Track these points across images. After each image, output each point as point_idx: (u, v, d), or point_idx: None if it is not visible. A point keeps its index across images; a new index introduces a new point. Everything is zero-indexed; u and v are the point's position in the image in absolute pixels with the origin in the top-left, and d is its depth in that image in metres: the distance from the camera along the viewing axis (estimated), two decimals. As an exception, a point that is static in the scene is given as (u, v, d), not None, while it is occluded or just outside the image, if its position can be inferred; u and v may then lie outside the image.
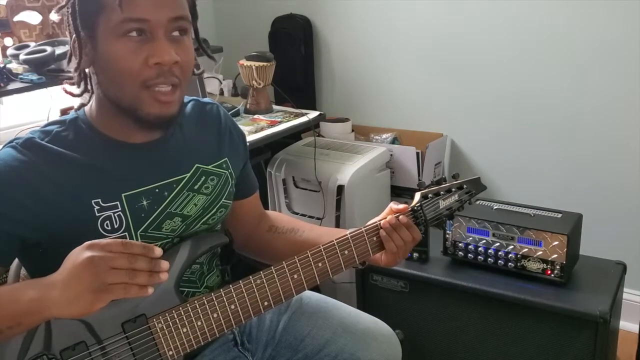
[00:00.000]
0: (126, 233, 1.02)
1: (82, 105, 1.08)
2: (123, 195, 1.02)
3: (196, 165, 1.11)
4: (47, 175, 0.98)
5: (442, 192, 1.19)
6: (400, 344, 1.32)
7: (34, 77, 1.78)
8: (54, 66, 1.88)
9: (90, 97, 1.07)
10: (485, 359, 1.65)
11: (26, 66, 1.83)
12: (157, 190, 1.05)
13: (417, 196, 1.18)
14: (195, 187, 1.11)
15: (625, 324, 1.94)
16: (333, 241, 1.09)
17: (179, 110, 1.02)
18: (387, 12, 2.50)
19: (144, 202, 1.04)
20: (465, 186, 1.22)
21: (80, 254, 0.88)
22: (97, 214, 0.99)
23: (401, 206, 1.16)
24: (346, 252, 1.10)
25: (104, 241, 0.89)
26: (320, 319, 1.26)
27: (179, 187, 1.08)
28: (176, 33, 0.98)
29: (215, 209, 1.14)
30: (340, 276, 1.21)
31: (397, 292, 1.74)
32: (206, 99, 1.24)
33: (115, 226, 1.01)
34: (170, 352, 1.00)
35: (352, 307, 1.34)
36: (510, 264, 1.62)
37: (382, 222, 1.13)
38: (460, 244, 1.68)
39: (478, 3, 2.30)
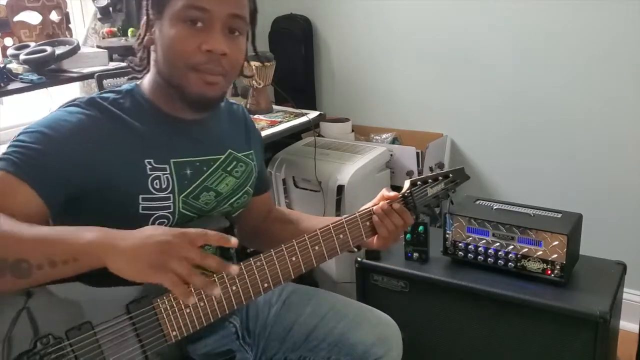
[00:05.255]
0: (171, 195, 1.09)
1: (135, 78, 1.18)
2: (172, 160, 1.10)
3: (229, 150, 1.21)
4: (108, 131, 1.06)
5: (429, 180, 1.27)
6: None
7: (34, 77, 1.78)
8: (54, 66, 1.88)
9: (144, 74, 1.16)
10: (485, 359, 1.65)
11: (26, 66, 1.83)
12: (197, 163, 1.14)
13: (407, 183, 1.25)
14: (228, 169, 1.20)
15: (625, 324, 1.94)
16: (329, 225, 1.15)
17: (221, 96, 1.12)
18: (387, 12, 2.50)
19: (188, 171, 1.12)
20: (450, 175, 1.30)
21: (163, 231, 0.93)
22: (148, 172, 1.07)
23: (392, 193, 1.22)
24: (341, 236, 1.15)
25: (191, 231, 0.93)
26: (309, 307, 1.30)
27: (215, 165, 1.17)
28: (232, 31, 1.07)
29: (241, 193, 1.22)
30: (341, 276, 1.21)
31: (397, 292, 1.74)
32: (232, 100, 1.35)
33: (164, 186, 1.08)
34: (174, 332, 1.01)
35: (346, 297, 1.36)
36: (510, 264, 1.62)
37: (374, 208, 1.19)
38: (460, 244, 1.68)
39: (478, 3, 2.30)
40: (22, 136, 1.02)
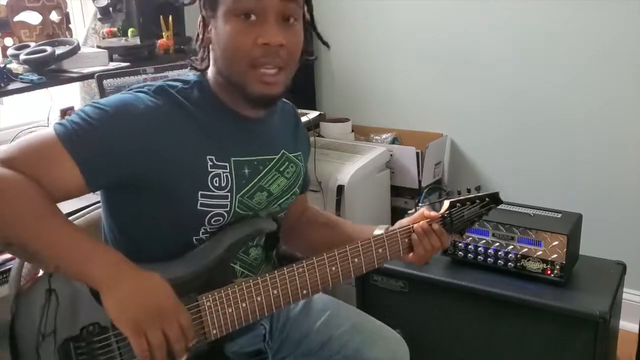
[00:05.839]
0: (229, 193, 1.07)
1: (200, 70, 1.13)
2: (232, 159, 1.08)
3: (282, 150, 1.19)
4: (174, 121, 1.03)
5: (468, 203, 1.25)
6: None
7: (34, 77, 1.78)
8: (54, 66, 1.88)
9: (207, 68, 1.13)
10: (485, 359, 1.65)
11: (26, 66, 1.82)
12: (255, 162, 1.12)
13: (446, 204, 1.23)
14: (281, 169, 1.18)
15: (625, 324, 1.94)
16: (370, 239, 1.14)
17: (282, 91, 1.08)
18: (387, 12, 2.50)
19: (246, 170, 1.10)
20: (487, 199, 1.28)
21: (166, 297, 0.94)
22: (209, 169, 1.05)
23: (433, 213, 1.21)
24: (380, 250, 1.15)
25: (185, 317, 0.96)
26: (327, 317, 1.30)
27: (270, 165, 1.15)
28: (287, 19, 1.04)
29: (289, 194, 1.21)
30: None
31: (396, 292, 1.74)
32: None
33: (223, 184, 1.07)
34: (215, 331, 1.03)
35: (362, 310, 1.37)
36: (510, 264, 1.62)
37: (415, 226, 1.18)
38: (460, 244, 1.68)
39: (478, 3, 2.30)
40: (87, 107, 1.00)
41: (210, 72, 1.11)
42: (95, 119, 0.98)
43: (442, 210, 1.22)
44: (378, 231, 1.20)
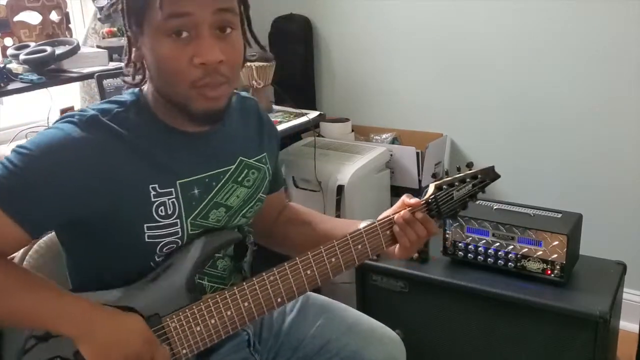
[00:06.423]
0: (178, 220, 1.02)
1: (136, 85, 1.07)
2: (178, 182, 1.02)
3: (240, 157, 1.12)
4: (108, 155, 0.96)
5: (456, 183, 1.17)
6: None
7: (34, 77, 1.78)
8: (54, 66, 1.88)
9: (143, 85, 1.06)
10: (485, 359, 1.65)
11: (26, 66, 1.83)
12: (207, 179, 1.06)
13: (431, 188, 1.16)
14: (239, 179, 1.11)
15: (625, 324, 1.94)
16: (347, 236, 1.08)
17: (227, 104, 1.01)
18: (387, 12, 2.50)
19: (196, 191, 1.04)
20: (479, 176, 1.20)
21: (139, 339, 0.94)
22: (153, 199, 0.99)
23: (414, 200, 1.13)
24: (359, 246, 1.09)
25: (161, 354, 0.96)
26: (324, 320, 1.27)
27: (225, 178, 1.09)
28: (223, 29, 0.95)
29: (253, 202, 1.15)
30: (340, 276, 1.21)
31: (396, 292, 1.73)
32: (244, 93, 1.24)
33: (169, 212, 1.01)
34: (184, 351, 1.01)
35: (358, 310, 1.35)
36: (510, 264, 1.62)
37: (395, 217, 1.12)
38: (460, 244, 1.68)
39: (478, 3, 2.30)
40: (12, 154, 0.94)
41: (147, 88, 1.04)
42: (19, 167, 0.91)
43: (427, 196, 1.15)
44: (364, 224, 1.14)
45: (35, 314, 0.92)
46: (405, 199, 1.14)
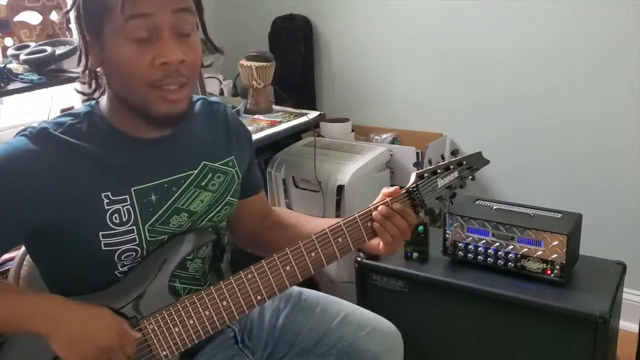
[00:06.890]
0: (134, 227, 1.02)
1: (91, 98, 1.08)
2: (132, 189, 1.02)
3: (203, 162, 1.12)
4: (58, 166, 0.97)
5: (439, 171, 1.15)
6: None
7: (34, 77, 1.78)
8: (54, 66, 1.88)
9: (102, 93, 1.07)
10: (485, 359, 1.65)
11: (26, 66, 1.83)
12: (165, 185, 1.06)
13: (413, 176, 1.14)
14: (202, 183, 1.11)
15: (625, 324, 1.93)
16: (325, 229, 1.08)
17: (187, 107, 1.02)
18: (387, 12, 2.50)
19: (153, 197, 1.04)
20: (465, 162, 1.18)
21: (110, 332, 0.95)
22: (106, 207, 1.00)
23: (392, 189, 1.12)
24: (340, 239, 1.08)
25: (131, 341, 0.97)
26: (319, 313, 1.28)
27: (187, 183, 1.08)
28: (182, 30, 0.97)
29: (220, 207, 1.15)
30: (340, 276, 1.21)
31: (396, 292, 1.73)
32: (214, 99, 1.25)
33: (124, 219, 1.01)
34: (165, 352, 1.01)
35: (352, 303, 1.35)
36: (510, 264, 1.62)
37: (373, 213, 1.11)
38: (459, 244, 1.68)
39: (478, 3, 2.30)
40: None
41: (104, 98, 1.06)
42: None
43: (408, 185, 1.13)
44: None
45: (1, 316, 0.93)
46: (385, 189, 1.14)
